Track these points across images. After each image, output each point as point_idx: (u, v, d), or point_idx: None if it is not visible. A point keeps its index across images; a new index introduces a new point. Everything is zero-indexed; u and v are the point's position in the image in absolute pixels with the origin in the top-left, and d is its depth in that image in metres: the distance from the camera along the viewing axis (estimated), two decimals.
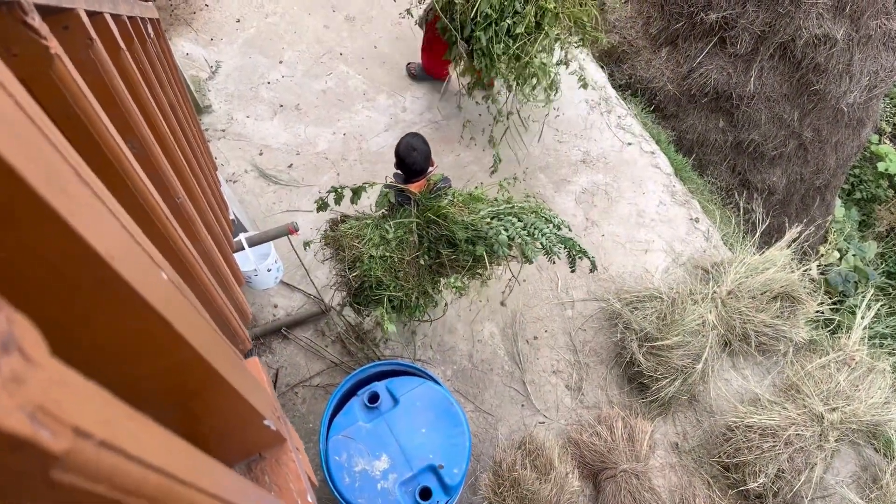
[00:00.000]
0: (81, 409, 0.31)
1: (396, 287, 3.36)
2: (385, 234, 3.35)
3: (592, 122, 5.38)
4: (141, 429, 0.37)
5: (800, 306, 4.33)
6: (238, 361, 0.81)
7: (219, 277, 1.67)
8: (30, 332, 0.29)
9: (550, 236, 3.21)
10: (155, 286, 0.56)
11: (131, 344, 0.58)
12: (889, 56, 5.70)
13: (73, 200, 0.46)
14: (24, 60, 0.74)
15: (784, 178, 6.20)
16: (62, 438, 0.29)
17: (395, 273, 3.37)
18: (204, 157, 2.86)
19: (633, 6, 6.19)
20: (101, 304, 0.52)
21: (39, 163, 0.43)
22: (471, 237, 3.20)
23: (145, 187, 1.05)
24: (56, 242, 0.45)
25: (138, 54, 1.74)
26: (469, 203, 3.31)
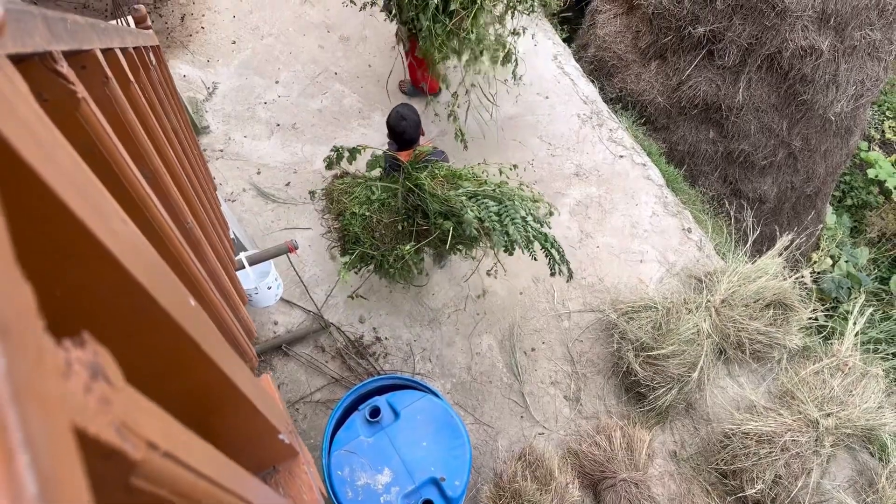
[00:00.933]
0: (150, 425, 0.37)
1: (372, 245, 3.48)
2: (370, 194, 3.48)
3: (584, 136, 5.47)
4: (192, 442, 0.43)
5: (793, 313, 4.39)
6: (254, 378, 0.87)
7: (226, 297, 1.73)
8: (110, 361, 0.35)
9: (521, 228, 3.20)
10: (186, 311, 0.62)
11: (164, 365, 0.63)
12: (874, 65, 5.81)
13: (119, 239, 0.52)
14: (54, 104, 0.80)
15: (775, 187, 6.29)
16: (139, 450, 0.34)
17: (373, 232, 3.48)
18: (205, 178, 2.92)
19: (622, 21, 6.30)
20: (140, 330, 0.58)
21: (95, 210, 0.49)
22: (442, 211, 3.26)
23: (161, 216, 1.11)
24: (107, 277, 0.51)
25: (144, 84, 1.80)
26: (451, 178, 3.37)
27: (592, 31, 6.63)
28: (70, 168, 0.46)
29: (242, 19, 5.54)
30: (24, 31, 0.69)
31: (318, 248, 4.74)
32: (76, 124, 0.85)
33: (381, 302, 4.57)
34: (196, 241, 1.50)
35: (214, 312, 1.35)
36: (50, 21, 0.83)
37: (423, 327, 4.50)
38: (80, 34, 1.02)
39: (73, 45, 0.95)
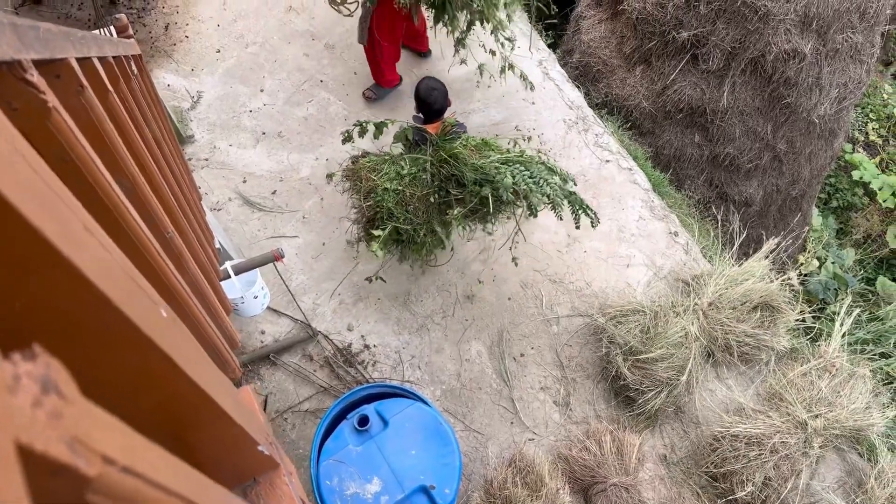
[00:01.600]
0: (107, 439, 0.36)
1: (405, 220, 3.51)
2: (400, 169, 3.58)
3: (570, 141, 5.48)
4: (156, 456, 0.42)
5: (780, 315, 4.41)
6: (232, 390, 0.86)
7: (207, 307, 1.71)
8: (63, 374, 0.34)
9: (556, 188, 3.33)
10: (156, 324, 0.61)
11: (134, 379, 0.62)
12: (857, 68, 5.87)
13: (83, 250, 0.51)
14: (24, 114, 0.79)
15: (760, 190, 6.33)
16: (94, 465, 0.33)
17: (406, 207, 3.57)
18: (188, 187, 2.91)
19: (607, 26, 6.33)
20: (107, 343, 0.57)
21: (55, 219, 0.48)
22: (479, 179, 3.37)
23: (138, 226, 1.10)
24: (69, 290, 0.50)
25: (124, 93, 1.79)
26: (482, 148, 3.47)
27: (577, 37, 6.66)
28: (28, 177, 0.45)
29: (227, 28, 5.53)
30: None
31: (305, 256, 4.73)
32: (47, 133, 0.84)
33: (370, 309, 4.55)
34: (177, 251, 1.48)
35: (194, 323, 1.33)
36: (19, 30, 0.82)
37: (411, 334, 4.49)
38: (53, 43, 1.01)
39: (45, 55, 0.94)
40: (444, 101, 3.83)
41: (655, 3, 5.66)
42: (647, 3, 5.71)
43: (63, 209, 0.52)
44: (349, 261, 4.76)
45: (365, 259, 4.76)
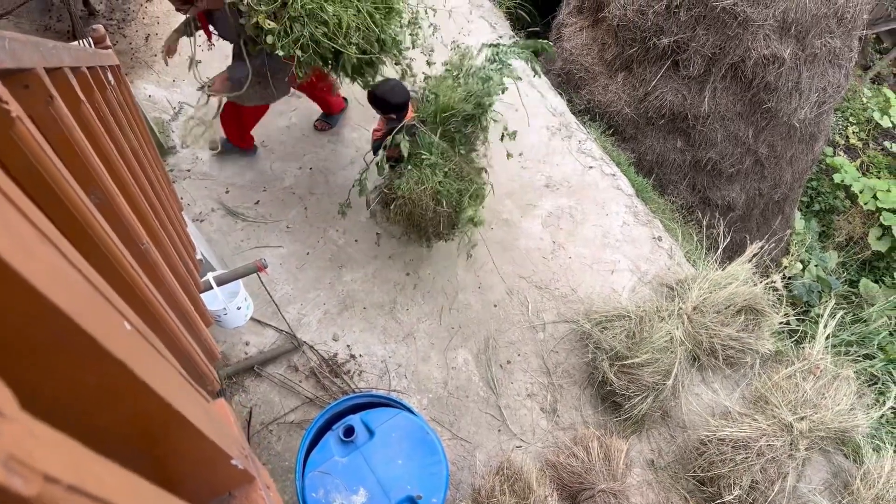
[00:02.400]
0: (50, 456, 0.34)
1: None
2: (431, 166, 3.87)
3: (554, 148, 5.50)
4: (107, 473, 0.41)
5: (764, 319, 4.43)
6: (203, 403, 0.84)
7: (185, 320, 1.69)
8: (1, 390, 0.32)
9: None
10: (117, 337, 0.60)
11: (94, 394, 0.60)
12: (835, 72, 5.93)
13: (34, 260, 0.49)
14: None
15: (743, 194, 6.37)
16: (33, 484, 0.32)
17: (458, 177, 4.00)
18: (169, 198, 2.88)
19: (588, 34, 6.37)
20: (63, 358, 0.55)
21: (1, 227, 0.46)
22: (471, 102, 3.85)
23: (108, 238, 1.08)
24: (17, 301, 0.48)
25: (98, 104, 1.77)
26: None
27: (559, 45, 6.69)
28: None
29: None
30: None
31: (290, 266, 4.70)
32: (10, 143, 0.82)
33: (355, 319, 4.53)
34: (152, 263, 1.46)
35: (169, 336, 1.32)
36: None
37: (397, 343, 4.47)
38: (20, 53, 1.00)
39: (11, 64, 0.93)
40: (403, 88, 3.95)
41: (636, 10, 5.70)
42: (628, 10, 5.75)
43: (14, 217, 0.50)
44: (334, 269, 4.74)
45: (350, 267, 4.75)
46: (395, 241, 4.90)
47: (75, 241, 1.06)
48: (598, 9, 6.20)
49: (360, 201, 5.03)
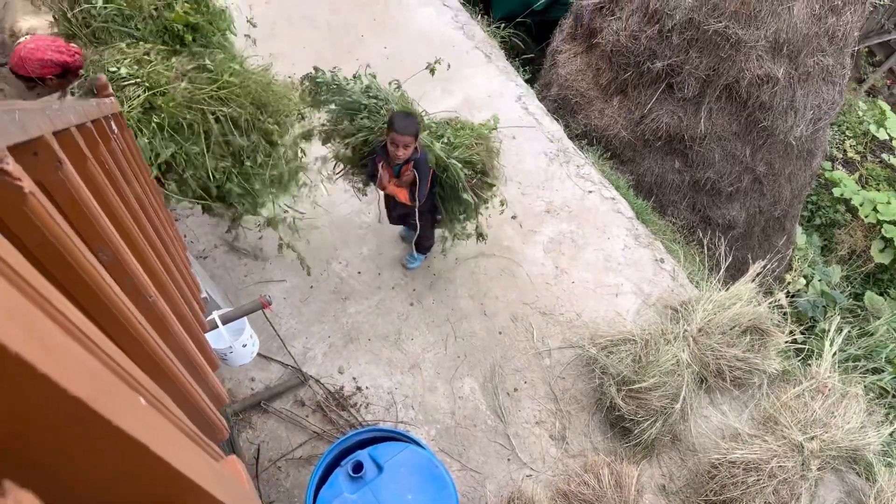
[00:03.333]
0: None
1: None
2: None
3: (553, 174, 5.54)
4: None
5: (769, 338, 4.43)
6: (215, 467, 0.85)
7: (192, 368, 1.70)
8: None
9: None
10: (133, 415, 0.61)
11: (112, 473, 0.62)
12: (829, 89, 5.98)
13: (50, 352, 0.51)
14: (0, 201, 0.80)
15: (743, 212, 6.40)
16: None
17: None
18: (173, 241, 2.90)
19: (582, 59, 6.44)
20: (81, 441, 0.56)
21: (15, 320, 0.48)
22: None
23: (117, 298, 1.10)
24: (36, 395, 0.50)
25: (104, 156, 1.80)
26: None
27: (554, 71, 6.76)
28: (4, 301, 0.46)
29: None
30: None
31: (294, 299, 4.71)
32: (24, 218, 0.85)
33: (360, 351, 4.53)
34: (160, 315, 1.48)
35: (178, 388, 1.33)
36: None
37: (403, 374, 4.47)
38: (30, 123, 1.02)
39: (21, 137, 0.95)
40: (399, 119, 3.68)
41: (629, 36, 5.77)
42: (621, 35, 5.82)
43: (27, 308, 0.52)
44: (338, 302, 4.75)
45: (354, 299, 4.76)
46: (398, 272, 4.92)
47: (83, 302, 1.08)
48: (591, 35, 6.28)
49: (362, 233, 5.07)
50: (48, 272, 1.03)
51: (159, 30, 3.34)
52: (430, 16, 6.15)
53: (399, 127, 3.54)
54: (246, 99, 3.25)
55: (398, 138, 3.55)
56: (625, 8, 5.77)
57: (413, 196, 3.85)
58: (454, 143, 3.91)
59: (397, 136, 3.55)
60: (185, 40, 3.33)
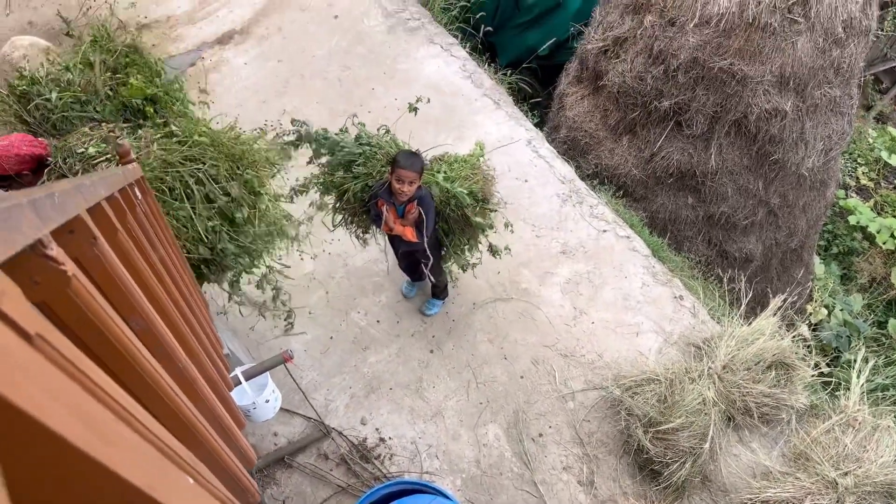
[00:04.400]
0: None
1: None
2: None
3: (566, 214, 5.56)
4: None
5: (795, 372, 4.37)
6: None
7: (222, 431, 1.71)
8: None
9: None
10: (185, 496, 0.62)
11: None
12: (838, 120, 6.01)
13: (110, 444, 0.53)
14: (45, 286, 0.83)
15: (760, 245, 6.37)
16: None
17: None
18: (196, 299, 2.94)
19: (590, 101, 6.52)
20: None
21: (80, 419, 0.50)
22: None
23: (152, 368, 1.12)
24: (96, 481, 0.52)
25: (131, 224, 1.84)
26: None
27: (562, 113, 6.85)
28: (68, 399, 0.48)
29: None
30: (13, 228, 0.72)
31: (314, 351, 4.72)
32: (67, 300, 0.87)
33: (382, 401, 4.52)
34: (191, 380, 1.50)
35: (210, 453, 1.34)
36: (37, 204, 0.87)
37: (426, 422, 4.44)
38: (68, 204, 1.06)
39: (61, 220, 0.99)
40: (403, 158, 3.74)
41: (634, 77, 5.86)
42: (626, 77, 5.91)
43: (90, 404, 0.54)
44: (358, 352, 4.76)
45: (374, 348, 4.76)
46: (417, 319, 4.93)
47: (120, 375, 1.10)
48: (596, 77, 6.37)
49: (379, 281, 5.10)
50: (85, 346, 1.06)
51: (119, 108, 3.41)
52: (438, 67, 6.28)
53: (405, 164, 3.62)
54: (219, 154, 3.28)
55: (404, 174, 3.61)
56: (629, 50, 5.86)
57: (420, 233, 3.90)
58: (451, 177, 3.97)
59: (403, 173, 3.61)
60: (147, 113, 3.39)
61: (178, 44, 6.23)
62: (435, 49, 6.41)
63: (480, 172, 4.11)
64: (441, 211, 3.98)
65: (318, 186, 4.16)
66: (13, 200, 0.77)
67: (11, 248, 0.67)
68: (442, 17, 6.84)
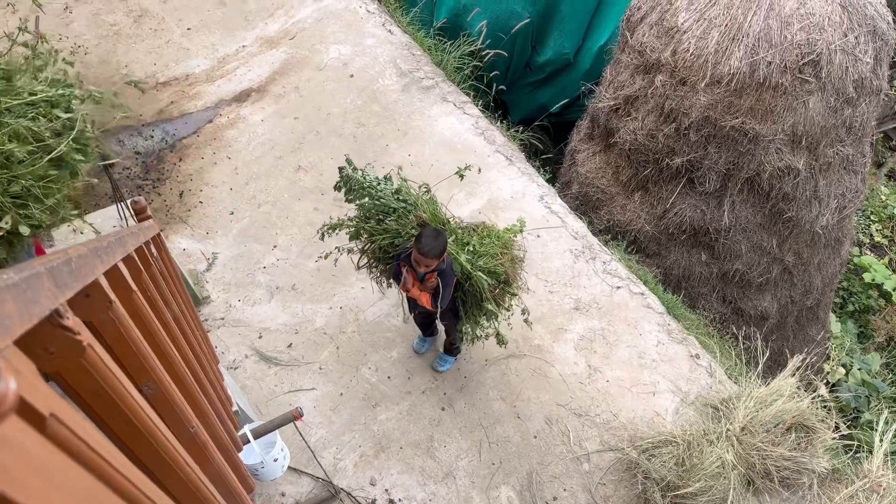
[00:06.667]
0: None
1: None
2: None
3: (579, 270, 5.54)
4: None
5: (815, 435, 4.26)
6: None
7: (230, 495, 1.67)
8: None
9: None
10: None
11: None
12: (852, 178, 6.01)
13: None
14: (60, 355, 0.81)
15: (775, 303, 6.30)
16: None
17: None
18: (207, 357, 2.92)
19: (601, 158, 6.57)
20: None
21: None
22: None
23: (163, 436, 1.09)
24: None
25: (146, 283, 1.84)
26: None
27: (574, 169, 6.90)
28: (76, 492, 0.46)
29: (239, 191, 5.76)
30: (31, 300, 0.70)
31: (324, 408, 4.66)
32: (81, 371, 0.86)
33: (392, 460, 4.42)
34: (201, 445, 1.47)
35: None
36: (55, 272, 0.86)
37: (437, 484, 4.33)
38: (85, 269, 1.06)
39: (78, 286, 0.98)
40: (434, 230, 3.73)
41: (646, 134, 5.90)
42: (638, 135, 5.95)
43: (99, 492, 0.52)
44: (368, 409, 4.69)
45: (384, 405, 4.69)
46: (428, 375, 4.86)
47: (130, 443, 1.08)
48: (608, 135, 6.43)
49: (391, 336, 5.06)
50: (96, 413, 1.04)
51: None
52: (451, 124, 6.37)
53: (425, 248, 3.51)
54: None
55: (422, 259, 3.54)
56: (640, 109, 5.93)
57: (435, 302, 3.84)
58: (479, 252, 3.91)
59: (421, 258, 3.53)
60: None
61: (196, 101, 6.37)
62: (448, 107, 6.50)
63: (510, 252, 4.05)
64: (461, 283, 3.93)
65: (349, 229, 4.15)
66: (32, 269, 0.76)
67: (29, 322, 0.65)
68: (455, 77, 6.97)
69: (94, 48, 6.45)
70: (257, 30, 6.98)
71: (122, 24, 6.82)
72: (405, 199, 4.00)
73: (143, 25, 6.86)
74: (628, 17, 6.15)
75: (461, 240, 3.97)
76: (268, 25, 7.02)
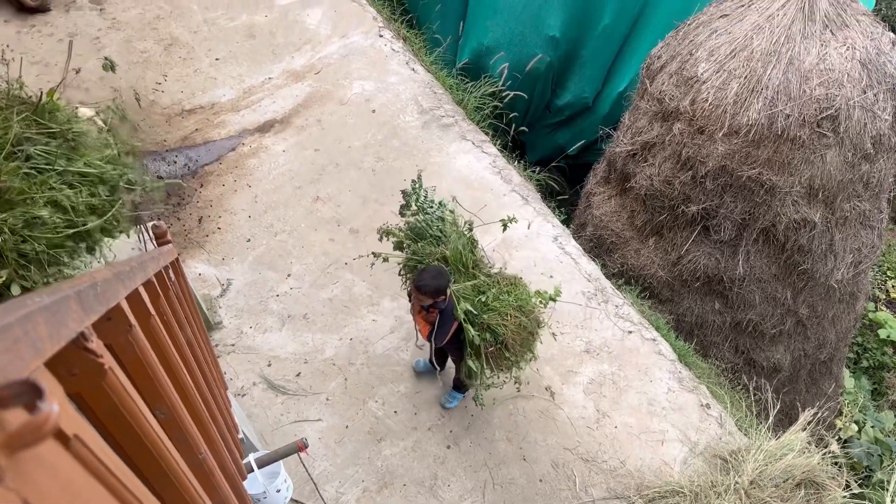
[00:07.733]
0: None
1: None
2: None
3: (591, 313, 5.52)
4: None
5: (825, 493, 4.18)
6: None
7: None
8: None
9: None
10: None
11: None
12: (868, 234, 5.99)
13: None
14: (81, 377, 0.84)
15: (788, 355, 6.24)
16: None
17: None
18: (217, 383, 2.93)
19: (617, 201, 6.60)
20: None
21: None
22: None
23: (174, 461, 1.10)
24: None
25: (163, 307, 1.87)
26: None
27: (589, 212, 6.93)
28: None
29: (257, 219, 5.83)
30: (60, 322, 0.73)
31: (328, 440, 4.64)
32: (101, 393, 0.88)
33: (395, 497, 4.38)
34: (208, 471, 1.48)
35: None
36: (82, 296, 0.89)
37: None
38: (109, 294, 1.08)
39: (102, 310, 1.01)
40: (437, 268, 3.77)
41: (662, 181, 5.93)
42: (654, 181, 5.98)
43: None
44: (373, 443, 4.66)
45: (389, 440, 4.67)
46: (435, 411, 4.84)
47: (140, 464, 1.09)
48: (624, 179, 6.47)
49: (399, 370, 5.05)
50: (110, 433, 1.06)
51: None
52: (469, 162, 6.43)
53: (419, 283, 3.57)
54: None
55: (417, 294, 3.59)
56: (657, 155, 5.97)
57: (430, 336, 3.87)
58: (490, 305, 3.85)
59: (416, 292, 3.59)
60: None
61: (220, 129, 6.48)
62: (467, 145, 6.58)
63: (525, 318, 3.95)
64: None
65: (394, 238, 4.23)
66: (61, 293, 0.79)
67: (58, 344, 0.68)
68: (475, 116, 7.06)
69: (123, 73, 6.60)
70: (284, 63, 7.13)
71: (153, 52, 6.99)
72: (441, 230, 4.03)
73: (173, 54, 7.03)
74: (648, 65, 6.23)
75: (478, 287, 3.94)
76: (294, 59, 7.17)
